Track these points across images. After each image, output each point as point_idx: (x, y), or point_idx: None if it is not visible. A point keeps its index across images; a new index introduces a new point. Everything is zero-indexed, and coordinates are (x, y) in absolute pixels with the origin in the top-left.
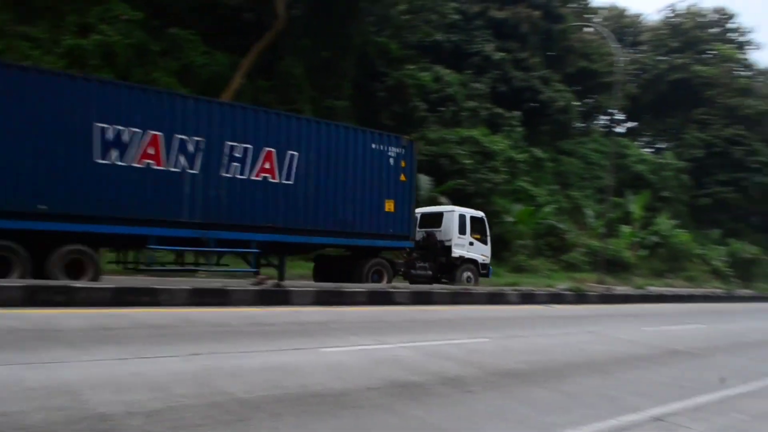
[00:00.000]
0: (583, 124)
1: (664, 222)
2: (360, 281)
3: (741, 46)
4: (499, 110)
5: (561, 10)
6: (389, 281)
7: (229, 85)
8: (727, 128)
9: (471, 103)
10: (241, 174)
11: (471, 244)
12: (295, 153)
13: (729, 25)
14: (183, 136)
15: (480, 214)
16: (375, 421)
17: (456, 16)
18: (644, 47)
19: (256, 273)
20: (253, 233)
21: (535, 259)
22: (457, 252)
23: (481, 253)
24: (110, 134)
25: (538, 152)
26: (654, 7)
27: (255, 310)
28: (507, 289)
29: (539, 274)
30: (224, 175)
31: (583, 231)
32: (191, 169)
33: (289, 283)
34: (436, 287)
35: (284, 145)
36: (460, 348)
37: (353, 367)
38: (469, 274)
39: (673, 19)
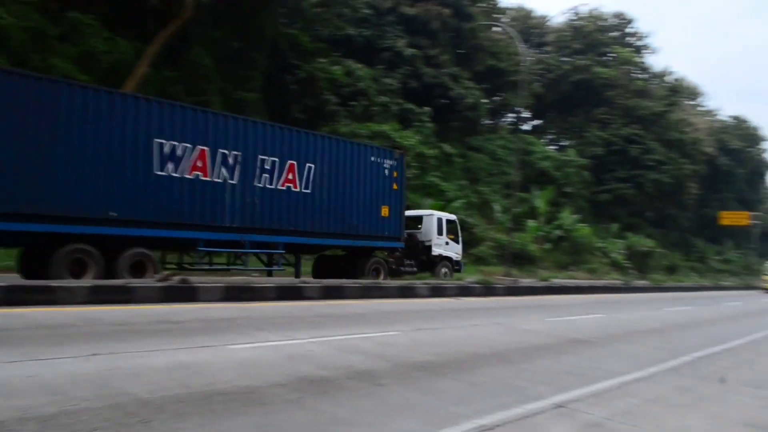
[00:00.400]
0: (491, 121)
1: (567, 216)
2: (362, 277)
3: (638, 49)
4: (410, 106)
5: (470, 8)
6: (384, 277)
7: (134, 73)
8: (625, 127)
9: (382, 98)
10: (270, 184)
11: (447, 243)
12: (312, 165)
13: (627, 30)
14: (225, 151)
15: (453, 217)
16: (283, 417)
17: (367, 11)
18: (549, 48)
19: (281, 270)
20: (280, 236)
21: None
22: (436, 251)
23: (455, 251)
24: (167, 149)
25: (448, 148)
26: (559, 9)
27: (160, 307)
28: (417, 283)
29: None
30: (257, 184)
31: (491, 225)
32: (231, 179)
33: (197, 280)
34: (346, 282)
35: (303, 158)
36: (370, 341)
37: (262, 364)
38: (446, 269)
39: (576, 22)
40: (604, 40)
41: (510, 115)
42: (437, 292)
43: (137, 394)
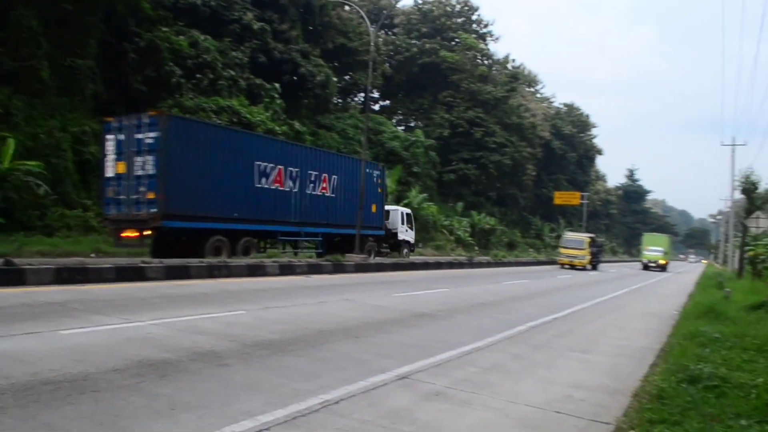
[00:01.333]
0: (341, 100)
1: (415, 195)
2: (359, 254)
3: (482, 36)
4: (259, 81)
5: None
6: (374, 257)
7: None
8: (469, 111)
9: (230, 72)
10: (314, 191)
11: (406, 231)
12: (336, 176)
13: (473, 17)
14: (291, 168)
15: (409, 210)
16: (118, 403)
17: None
18: (398, 30)
19: (322, 254)
20: (320, 228)
21: None
22: (401, 236)
23: (411, 237)
24: (261, 168)
25: (298, 125)
26: None
27: None
28: (267, 261)
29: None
30: (307, 192)
31: None
32: (294, 188)
33: (23, 261)
34: (192, 261)
35: (331, 171)
36: (215, 322)
37: (96, 349)
38: (407, 249)
39: (423, 6)
40: (450, 25)
41: (360, 94)
42: (287, 270)
43: None
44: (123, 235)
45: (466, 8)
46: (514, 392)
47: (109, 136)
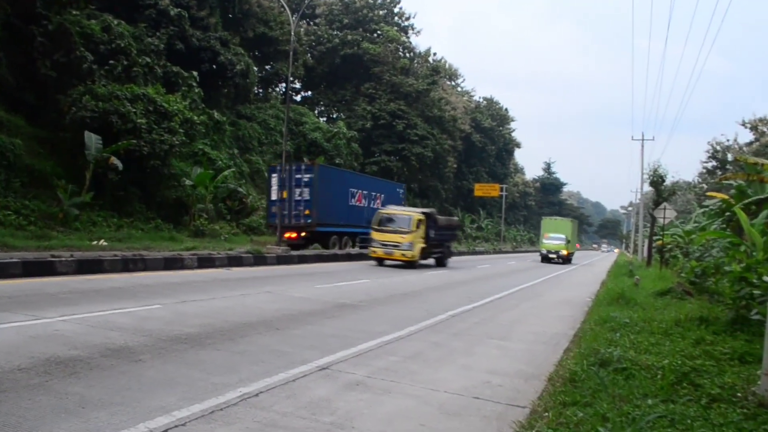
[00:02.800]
0: (262, 90)
1: None
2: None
3: (404, 29)
4: (176, 69)
5: None
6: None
7: None
8: (391, 103)
9: (145, 59)
10: (372, 205)
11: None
12: (382, 194)
13: (395, 9)
14: (363, 191)
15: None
16: (24, 404)
17: None
18: (320, 20)
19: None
20: (369, 229)
21: (215, 223)
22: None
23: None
24: (352, 192)
25: (218, 115)
26: None
27: None
28: (185, 254)
29: (220, 238)
30: (370, 206)
31: (263, 195)
32: (364, 204)
33: None
34: (104, 255)
35: (379, 191)
36: (129, 317)
37: (0, 348)
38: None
39: None
40: (372, 17)
41: (281, 85)
42: (206, 263)
43: None
44: (286, 236)
45: (388, 1)
46: (434, 380)
47: (273, 175)
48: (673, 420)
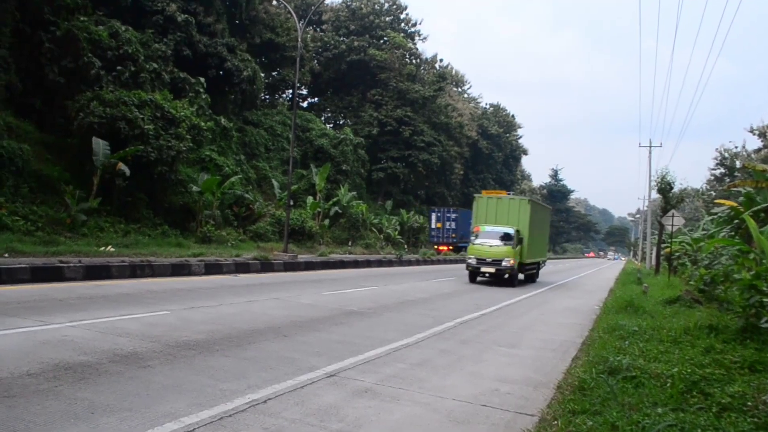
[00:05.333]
0: (269, 96)
1: (345, 193)
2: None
3: (410, 35)
4: (183, 75)
5: None
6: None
7: None
8: (397, 109)
9: (152, 65)
10: (448, 227)
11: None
12: (456, 215)
13: (401, 16)
14: (439, 214)
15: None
16: (33, 409)
17: None
18: (326, 26)
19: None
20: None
21: (222, 229)
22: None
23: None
24: (433, 220)
25: (225, 121)
26: None
27: None
28: (192, 260)
29: (227, 245)
30: (445, 227)
31: (270, 201)
32: (440, 226)
33: None
34: (113, 261)
35: (456, 217)
36: (137, 322)
37: (9, 353)
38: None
39: (352, 3)
40: (378, 24)
41: (288, 91)
42: (213, 269)
43: None
44: (439, 249)
45: (395, 7)
46: (442, 387)
47: (432, 214)
48: (683, 429)
